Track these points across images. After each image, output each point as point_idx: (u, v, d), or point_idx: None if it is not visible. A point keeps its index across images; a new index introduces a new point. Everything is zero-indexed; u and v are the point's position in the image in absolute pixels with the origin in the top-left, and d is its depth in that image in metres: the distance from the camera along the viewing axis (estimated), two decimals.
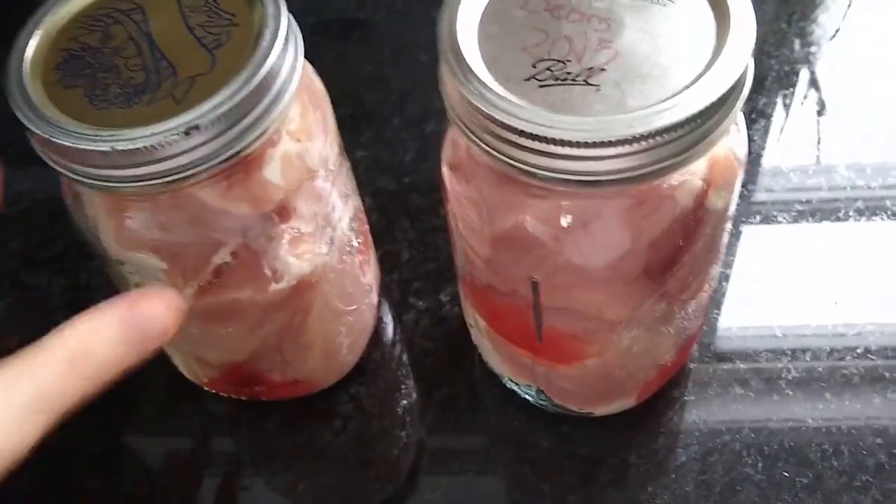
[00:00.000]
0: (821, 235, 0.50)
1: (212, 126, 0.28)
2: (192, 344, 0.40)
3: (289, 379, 0.42)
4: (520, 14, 0.30)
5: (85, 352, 0.27)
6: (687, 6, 0.30)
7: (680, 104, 0.27)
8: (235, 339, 0.38)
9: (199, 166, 0.29)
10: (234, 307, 0.36)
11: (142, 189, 0.29)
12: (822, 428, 0.42)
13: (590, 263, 0.33)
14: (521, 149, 0.28)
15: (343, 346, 0.43)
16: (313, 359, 0.41)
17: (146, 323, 0.28)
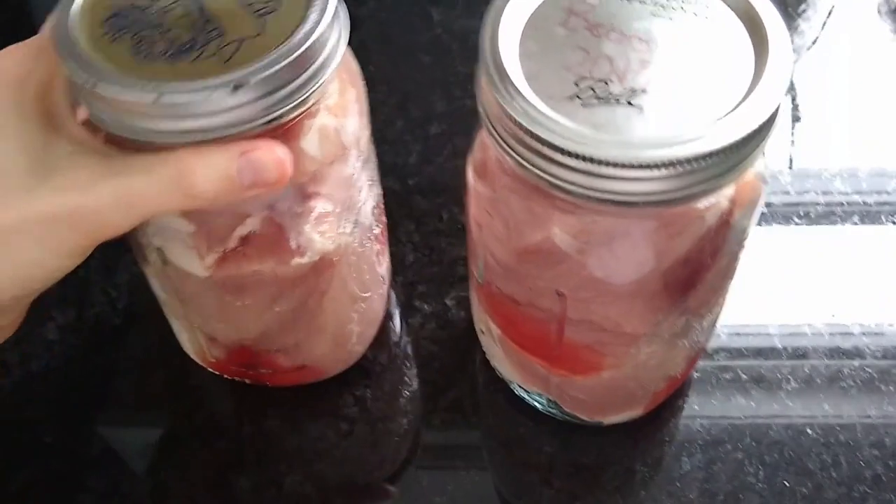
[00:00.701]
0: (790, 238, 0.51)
1: (258, 86, 0.28)
2: (205, 318, 0.40)
3: (297, 363, 0.42)
4: (560, 31, 0.31)
5: (191, 170, 0.29)
6: (725, 30, 0.30)
7: (720, 131, 0.27)
8: (250, 315, 0.38)
9: (240, 126, 0.29)
10: (254, 279, 0.36)
11: (183, 144, 0.29)
12: (820, 438, 0.43)
13: (615, 279, 0.33)
14: (562, 167, 0.28)
15: (353, 335, 0.43)
16: (323, 343, 0.41)
17: (258, 164, 0.29)
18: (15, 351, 0.48)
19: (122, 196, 0.29)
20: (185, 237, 0.34)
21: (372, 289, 0.43)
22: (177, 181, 0.29)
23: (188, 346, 0.44)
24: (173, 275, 0.37)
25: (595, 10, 0.31)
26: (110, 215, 0.29)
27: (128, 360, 0.48)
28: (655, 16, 0.31)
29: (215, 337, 0.41)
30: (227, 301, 0.37)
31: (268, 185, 0.30)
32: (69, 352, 0.48)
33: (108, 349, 0.48)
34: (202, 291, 0.37)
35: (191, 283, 0.37)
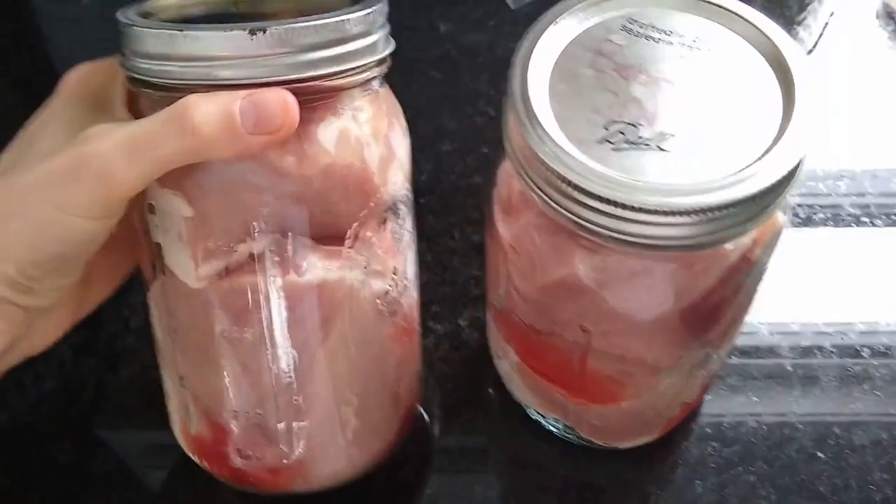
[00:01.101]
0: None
1: (276, 37, 0.29)
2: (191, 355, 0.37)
3: (282, 455, 0.37)
4: (588, 73, 0.31)
5: (193, 106, 0.29)
6: (753, 73, 0.31)
7: (749, 179, 0.28)
8: (239, 353, 0.35)
9: (256, 78, 0.29)
10: (252, 299, 0.34)
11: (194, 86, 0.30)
12: (831, 462, 0.44)
13: (637, 315, 0.34)
14: (592, 210, 0.29)
15: (349, 425, 0.38)
16: (315, 420, 0.37)
17: (261, 106, 0.29)
18: (29, 370, 0.48)
19: (124, 140, 0.29)
20: (181, 228, 0.32)
21: (381, 381, 0.38)
22: (177, 118, 0.29)
23: (174, 418, 0.40)
24: (170, 293, 0.35)
25: (622, 52, 0.31)
26: (116, 164, 0.29)
27: (141, 379, 0.48)
28: (683, 58, 0.31)
29: (200, 397, 0.38)
30: (219, 328, 0.35)
31: (271, 130, 0.29)
32: (83, 371, 0.48)
33: (121, 369, 0.48)
34: (194, 316, 0.35)
35: (184, 305, 0.35)
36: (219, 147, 0.29)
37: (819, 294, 0.50)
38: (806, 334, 0.48)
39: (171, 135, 0.29)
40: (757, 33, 0.31)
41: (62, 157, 0.30)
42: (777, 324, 0.49)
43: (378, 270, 0.36)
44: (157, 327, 0.38)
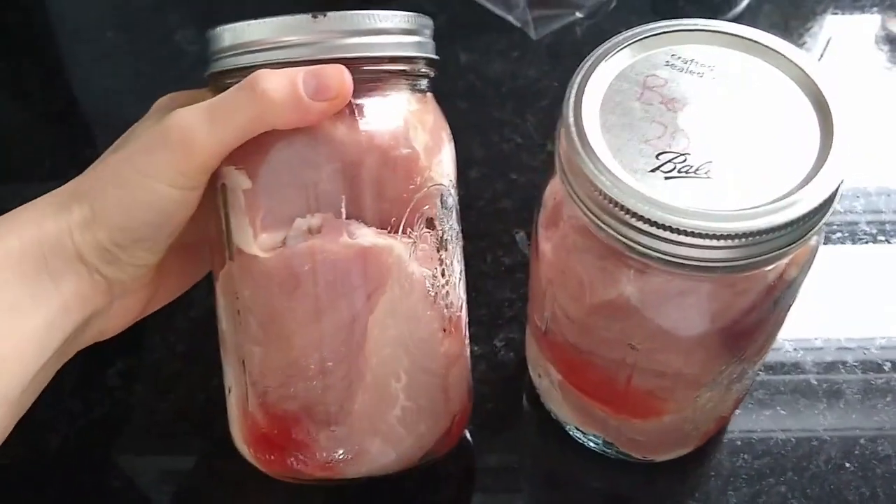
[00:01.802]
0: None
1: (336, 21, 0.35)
2: (252, 333, 0.38)
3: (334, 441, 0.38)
4: (636, 105, 0.33)
5: (264, 77, 0.34)
6: (791, 106, 0.33)
7: (793, 204, 0.30)
8: (295, 331, 0.37)
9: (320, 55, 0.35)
10: (305, 270, 0.36)
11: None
12: (858, 472, 0.45)
13: (682, 332, 0.35)
14: (646, 235, 0.30)
15: (398, 403, 0.39)
16: (361, 402, 0.38)
17: (321, 77, 0.34)
18: (77, 398, 0.49)
19: (203, 110, 0.34)
20: (242, 201, 0.36)
21: (429, 367, 0.40)
22: (249, 85, 0.34)
23: (233, 414, 0.41)
24: (237, 275, 0.38)
25: (668, 86, 0.33)
26: (194, 129, 0.34)
27: (189, 403, 0.49)
28: (725, 90, 0.33)
29: (260, 383, 0.39)
30: (278, 306, 0.37)
31: (328, 97, 0.34)
32: (131, 398, 0.50)
33: (169, 394, 0.50)
34: (256, 290, 0.37)
35: (249, 282, 0.37)
36: (284, 112, 0.33)
37: (839, 311, 0.52)
38: (829, 350, 0.50)
39: (244, 101, 0.33)
40: (793, 66, 0.33)
41: (150, 132, 0.35)
42: (800, 340, 0.51)
43: (426, 253, 0.38)
44: (223, 316, 0.40)
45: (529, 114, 0.61)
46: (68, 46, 0.72)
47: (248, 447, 0.41)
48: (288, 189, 0.36)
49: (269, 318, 0.38)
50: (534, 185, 0.57)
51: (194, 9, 0.71)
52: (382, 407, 0.39)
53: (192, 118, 0.34)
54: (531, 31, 0.65)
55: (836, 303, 0.52)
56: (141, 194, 0.34)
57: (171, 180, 0.34)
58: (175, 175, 0.34)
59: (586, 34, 0.66)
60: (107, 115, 0.65)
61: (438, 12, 0.68)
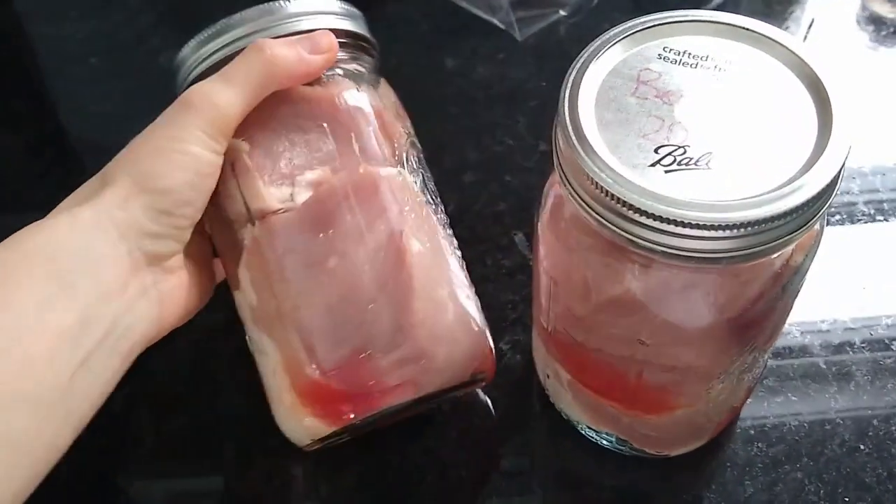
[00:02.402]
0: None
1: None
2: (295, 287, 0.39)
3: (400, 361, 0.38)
4: (632, 101, 0.33)
5: (269, 43, 0.39)
6: (787, 92, 0.33)
7: (796, 190, 0.29)
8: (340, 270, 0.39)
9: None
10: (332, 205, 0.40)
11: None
12: (874, 453, 0.45)
13: (689, 325, 0.35)
14: (650, 229, 0.30)
15: (447, 303, 0.40)
16: (419, 310, 0.39)
17: (314, 39, 0.41)
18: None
19: (219, 76, 0.39)
20: (249, 161, 0.40)
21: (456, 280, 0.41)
22: (256, 48, 0.39)
23: (281, 386, 0.40)
24: (263, 242, 0.40)
25: (662, 78, 0.33)
26: (213, 92, 0.38)
27: (195, 425, 0.49)
28: (720, 80, 0.33)
29: (314, 342, 0.39)
30: (317, 245, 0.39)
31: (322, 51, 0.40)
32: (137, 421, 0.49)
33: (175, 417, 0.49)
34: (293, 241, 0.39)
35: (280, 241, 0.39)
36: (290, 66, 0.39)
37: (843, 292, 0.52)
38: (835, 332, 0.50)
39: (255, 63, 0.38)
40: (786, 52, 0.33)
41: (170, 108, 0.38)
42: (807, 324, 0.50)
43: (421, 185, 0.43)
44: (253, 293, 0.40)
45: (520, 115, 0.61)
46: (53, 73, 0.72)
47: (304, 412, 0.40)
48: (283, 147, 0.40)
49: (310, 261, 0.39)
50: (529, 186, 0.57)
51: (176, 30, 0.71)
52: (438, 313, 0.40)
53: (211, 85, 0.38)
54: (516, 32, 0.65)
55: (840, 284, 0.52)
56: (176, 157, 0.37)
57: (203, 141, 0.37)
58: (205, 135, 0.37)
59: (571, 32, 0.66)
60: (95, 141, 0.64)
61: (422, 19, 0.68)
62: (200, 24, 0.43)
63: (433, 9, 0.67)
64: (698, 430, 0.42)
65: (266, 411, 0.47)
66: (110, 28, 0.73)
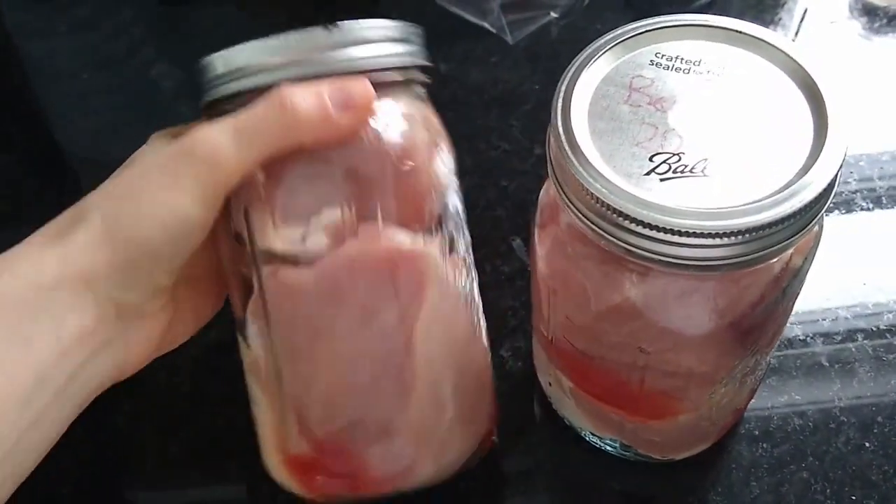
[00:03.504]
0: None
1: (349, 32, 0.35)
2: (293, 360, 0.37)
3: (384, 457, 0.38)
4: (625, 108, 0.32)
5: (290, 92, 0.33)
6: (782, 95, 0.32)
7: (793, 196, 0.29)
8: (340, 349, 0.36)
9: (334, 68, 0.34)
10: (343, 280, 0.35)
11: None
12: (879, 450, 0.45)
13: (690, 331, 0.35)
14: (646, 238, 0.30)
15: (447, 403, 0.38)
16: (415, 410, 0.37)
17: (346, 89, 0.33)
18: (87, 443, 0.48)
19: (229, 126, 0.33)
20: (260, 193, 0.35)
21: (469, 366, 0.40)
22: (276, 104, 0.32)
23: (268, 442, 0.40)
24: (269, 295, 0.36)
25: (654, 85, 0.33)
26: (220, 145, 0.32)
27: (198, 441, 0.49)
28: (713, 85, 0.33)
29: (302, 409, 0.38)
30: (314, 323, 0.36)
31: (355, 108, 0.33)
32: (140, 439, 0.49)
33: (177, 433, 0.49)
34: (291, 310, 0.36)
35: (284, 299, 0.36)
36: (313, 127, 0.33)
37: (844, 287, 0.52)
38: (837, 328, 0.50)
39: (272, 117, 0.32)
40: (779, 54, 0.33)
41: (171, 147, 0.33)
42: (808, 321, 0.50)
43: (452, 255, 0.38)
44: (254, 344, 0.38)
45: (514, 119, 0.61)
46: (45, 89, 0.72)
47: (289, 474, 0.39)
48: (301, 186, 0.35)
49: (311, 333, 0.37)
50: (526, 190, 0.57)
51: (168, 44, 0.71)
52: (436, 414, 0.38)
53: (218, 135, 0.33)
54: (507, 35, 0.65)
55: (839, 278, 0.52)
56: (160, 210, 0.32)
57: (195, 196, 0.32)
58: (199, 192, 0.32)
59: (562, 34, 0.66)
60: (90, 156, 0.64)
61: (414, 24, 0.68)
62: (192, 37, 0.41)
63: (424, 14, 0.67)
64: (702, 434, 0.42)
65: None
66: (101, 42, 0.73)
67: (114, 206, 0.33)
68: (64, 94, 0.70)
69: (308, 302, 0.36)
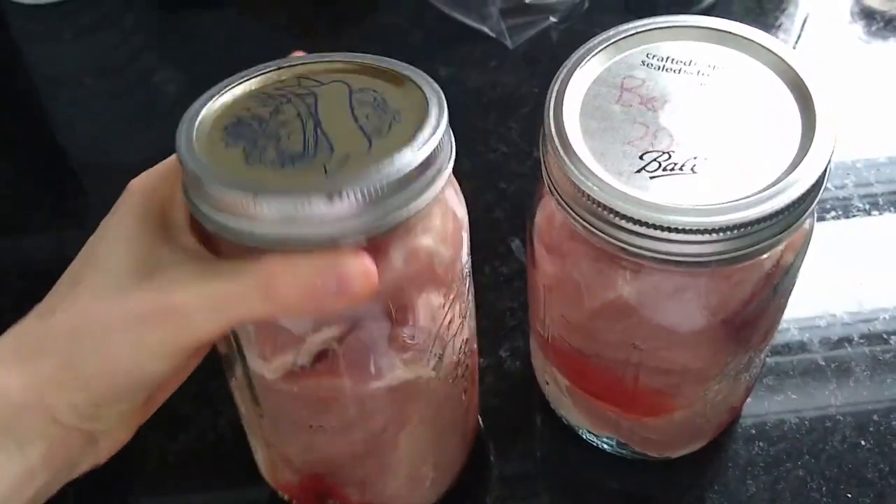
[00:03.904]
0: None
1: (355, 199, 0.28)
2: (281, 437, 0.39)
3: (365, 500, 0.41)
4: (616, 108, 0.33)
5: (275, 276, 0.28)
6: (770, 93, 0.33)
7: (782, 191, 0.30)
8: (323, 439, 0.38)
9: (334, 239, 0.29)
10: (332, 397, 0.36)
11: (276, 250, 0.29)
12: (875, 448, 0.45)
13: (683, 328, 0.35)
14: (637, 235, 0.30)
15: (428, 479, 0.41)
16: (395, 481, 0.40)
17: (343, 276, 0.28)
18: None
19: (207, 298, 0.29)
20: (251, 333, 0.34)
21: (454, 431, 0.42)
22: (261, 287, 0.28)
23: (262, 465, 0.43)
24: (254, 384, 0.36)
25: (645, 85, 0.33)
26: (197, 317, 0.29)
27: (200, 444, 0.49)
28: (703, 84, 0.33)
29: (289, 459, 0.41)
30: (302, 418, 0.37)
31: (352, 298, 0.28)
32: (142, 441, 0.49)
33: (181, 436, 0.49)
34: (279, 406, 0.37)
35: (271, 396, 0.36)
36: (298, 311, 0.30)
37: (841, 288, 0.52)
38: (833, 328, 0.50)
39: (255, 299, 0.29)
40: (768, 54, 0.33)
41: (142, 299, 0.29)
42: (804, 320, 0.51)
43: (450, 356, 0.37)
44: (241, 405, 0.39)
45: (513, 122, 0.61)
46: (48, 95, 0.72)
47: (282, 492, 0.43)
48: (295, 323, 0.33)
49: (293, 428, 0.38)
50: (524, 192, 0.57)
51: (169, 49, 0.71)
52: (415, 484, 0.41)
53: (194, 303, 0.29)
54: (507, 39, 0.65)
55: (836, 280, 0.52)
56: (126, 365, 0.30)
57: (163, 357, 0.30)
58: (168, 352, 0.30)
59: (562, 38, 0.66)
60: (93, 162, 0.65)
61: (414, 28, 0.68)
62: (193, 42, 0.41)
63: (424, 18, 0.68)
64: (698, 431, 0.42)
65: None
66: (104, 48, 0.74)
67: (77, 351, 0.30)
68: (67, 99, 0.70)
69: (295, 404, 0.36)
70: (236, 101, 0.33)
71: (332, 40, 0.67)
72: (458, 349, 0.38)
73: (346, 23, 0.42)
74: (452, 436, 0.42)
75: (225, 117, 0.32)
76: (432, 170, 0.30)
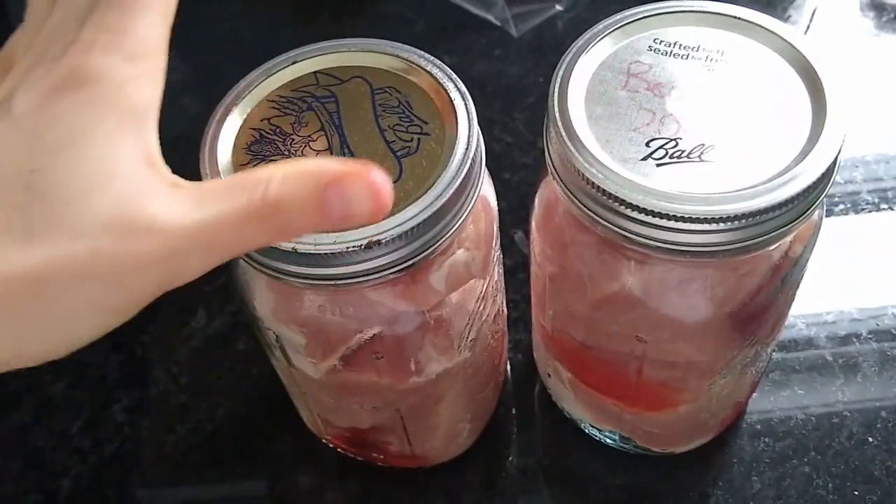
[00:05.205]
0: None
1: (391, 242, 0.29)
2: (321, 407, 0.41)
3: (406, 452, 0.43)
4: (622, 94, 0.32)
5: (276, 205, 0.24)
6: (780, 80, 0.32)
7: (791, 181, 0.29)
8: (364, 412, 0.39)
9: (371, 275, 0.30)
10: (372, 388, 0.37)
11: (312, 286, 0.30)
12: (882, 445, 0.45)
13: (688, 320, 0.35)
14: (644, 224, 0.30)
15: (465, 430, 0.43)
16: (435, 439, 0.42)
17: (347, 202, 0.24)
18: (87, 436, 0.48)
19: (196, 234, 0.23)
20: (300, 348, 0.35)
21: (488, 387, 0.43)
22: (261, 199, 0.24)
23: (307, 421, 0.45)
24: (296, 373, 0.38)
25: (652, 70, 0.33)
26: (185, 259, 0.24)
27: (198, 434, 0.49)
28: (711, 70, 0.32)
29: (330, 422, 0.42)
30: (344, 399, 0.38)
31: (362, 219, 0.24)
32: (139, 432, 0.49)
33: (177, 426, 0.49)
34: (320, 390, 0.38)
35: (311, 383, 0.38)
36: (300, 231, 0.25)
37: (849, 283, 0.51)
38: (841, 323, 0.49)
39: (255, 230, 0.24)
40: (779, 40, 0.32)
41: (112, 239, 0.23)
42: (812, 315, 0.50)
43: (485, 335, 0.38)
44: (283, 377, 0.41)
45: (517, 112, 0.60)
46: None
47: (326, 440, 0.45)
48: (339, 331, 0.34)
49: (336, 405, 0.40)
50: (528, 183, 0.56)
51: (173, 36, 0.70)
52: (453, 437, 0.43)
53: (181, 242, 0.23)
54: (512, 28, 0.64)
55: (844, 275, 0.51)
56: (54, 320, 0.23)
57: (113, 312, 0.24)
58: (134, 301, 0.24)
59: (568, 27, 0.65)
60: None
61: (417, 17, 0.68)
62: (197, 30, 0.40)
63: (428, 7, 0.67)
64: (702, 426, 0.42)
65: (269, 418, 0.47)
66: None
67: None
68: None
69: (338, 391, 0.38)
70: (254, 110, 0.32)
71: (334, 29, 0.66)
72: (491, 324, 0.38)
73: (349, 12, 0.41)
74: (487, 390, 0.43)
75: (245, 134, 0.31)
76: (468, 190, 0.31)
